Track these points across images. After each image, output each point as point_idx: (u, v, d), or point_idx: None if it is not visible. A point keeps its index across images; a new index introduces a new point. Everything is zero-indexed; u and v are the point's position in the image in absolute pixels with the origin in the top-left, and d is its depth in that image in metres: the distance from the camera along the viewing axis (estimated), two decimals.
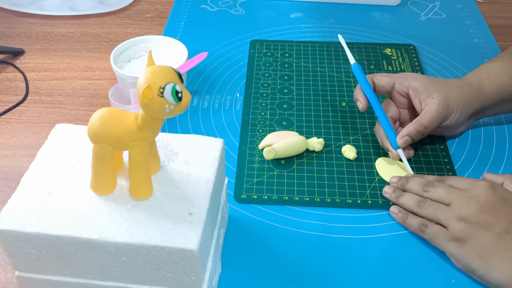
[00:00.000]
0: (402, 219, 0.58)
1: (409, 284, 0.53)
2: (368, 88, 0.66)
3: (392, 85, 0.66)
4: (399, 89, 0.65)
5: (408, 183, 0.60)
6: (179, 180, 0.47)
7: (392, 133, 0.63)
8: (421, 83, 0.64)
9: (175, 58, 0.77)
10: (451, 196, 0.55)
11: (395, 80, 0.66)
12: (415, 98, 0.64)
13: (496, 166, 0.66)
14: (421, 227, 0.56)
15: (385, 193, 0.61)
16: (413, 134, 0.62)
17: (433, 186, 0.57)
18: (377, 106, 0.65)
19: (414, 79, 0.65)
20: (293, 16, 0.96)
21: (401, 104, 0.67)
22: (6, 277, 0.54)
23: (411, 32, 0.91)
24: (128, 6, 0.99)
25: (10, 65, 0.84)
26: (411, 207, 0.58)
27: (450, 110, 0.63)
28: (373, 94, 0.65)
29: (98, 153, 0.43)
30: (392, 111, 0.66)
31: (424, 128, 0.62)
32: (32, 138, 0.71)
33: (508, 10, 0.99)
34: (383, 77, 0.67)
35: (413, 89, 0.64)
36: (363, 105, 0.65)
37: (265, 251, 0.56)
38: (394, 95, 0.67)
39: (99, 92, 0.78)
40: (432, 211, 0.55)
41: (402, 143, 0.62)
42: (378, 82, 0.67)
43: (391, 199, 0.61)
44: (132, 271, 0.44)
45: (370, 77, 0.67)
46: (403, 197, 0.59)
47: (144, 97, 0.38)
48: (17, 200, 0.45)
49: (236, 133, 0.70)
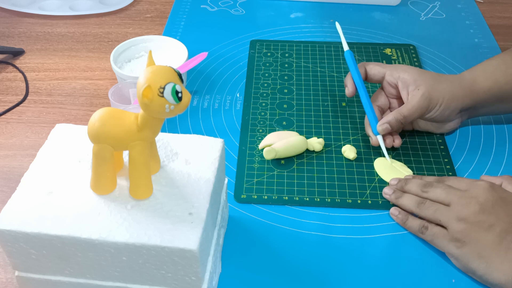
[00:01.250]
0: (402, 221, 0.58)
1: (409, 284, 0.53)
2: (357, 75, 0.68)
3: (383, 75, 0.68)
4: (389, 80, 0.67)
5: (407, 185, 0.60)
6: (179, 180, 0.47)
7: (374, 120, 0.65)
8: (410, 75, 0.65)
9: (175, 58, 0.77)
10: (450, 196, 0.55)
11: (386, 71, 0.67)
12: (403, 89, 0.65)
13: (496, 166, 0.66)
14: (421, 229, 0.56)
15: (384, 194, 0.61)
16: (393, 123, 0.64)
17: (432, 186, 0.57)
18: (364, 93, 0.67)
19: (405, 71, 0.66)
20: (293, 16, 0.96)
21: (390, 94, 0.68)
22: (6, 277, 0.54)
23: (411, 32, 0.91)
24: (128, 6, 0.99)
25: (10, 65, 0.84)
26: (410, 208, 0.58)
27: (433, 102, 0.63)
28: (361, 81, 0.68)
29: (98, 153, 0.43)
30: (381, 101, 0.69)
31: (403, 117, 0.63)
32: (32, 138, 0.71)
33: (508, 10, 0.99)
34: (375, 66, 0.68)
35: (402, 80, 0.65)
36: (350, 91, 0.68)
37: (265, 251, 0.56)
38: (385, 85, 0.68)
39: (99, 92, 0.78)
40: (432, 212, 0.55)
41: (381, 130, 0.64)
42: (370, 70, 0.69)
43: (390, 200, 0.61)
44: (132, 271, 0.44)
45: (363, 65, 0.69)
46: (402, 198, 0.59)
47: (144, 97, 0.38)
48: (17, 200, 0.45)
49: (236, 133, 0.70)
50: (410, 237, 0.58)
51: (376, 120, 0.65)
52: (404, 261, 0.55)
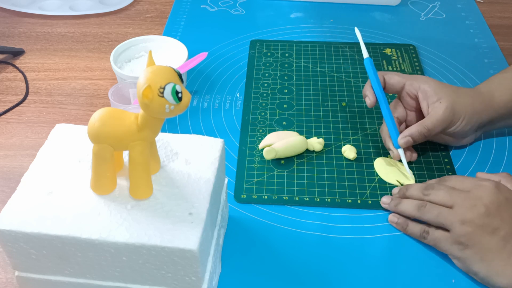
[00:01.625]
0: (402, 227, 0.57)
1: (409, 284, 0.53)
2: (378, 85, 0.65)
3: (402, 86, 0.65)
4: (408, 91, 0.65)
5: (408, 191, 0.58)
6: (179, 180, 0.47)
7: (395, 132, 0.63)
8: (431, 87, 0.63)
9: (175, 58, 0.77)
10: (454, 198, 0.53)
11: (406, 81, 0.65)
12: (424, 101, 0.63)
13: (496, 166, 0.66)
14: (423, 234, 0.55)
15: (383, 203, 0.60)
16: (416, 136, 0.61)
17: (434, 188, 0.56)
18: (384, 104, 0.64)
19: (425, 82, 0.64)
20: (293, 16, 0.96)
21: (409, 105, 0.66)
22: (6, 277, 0.54)
23: (411, 32, 0.91)
24: (128, 6, 0.99)
25: (10, 65, 0.84)
26: (410, 212, 0.56)
27: (457, 116, 0.62)
28: (381, 91, 0.65)
29: (98, 153, 0.43)
30: (399, 112, 0.66)
31: (427, 130, 0.61)
32: (32, 138, 0.71)
33: (508, 10, 0.99)
34: (394, 76, 0.66)
35: (422, 92, 0.63)
36: (371, 101, 0.65)
37: (265, 251, 0.56)
38: (403, 96, 0.66)
39: (99, 92, 0.78)
40: (434, 216, 0.54)
41: (403, 143, 0.62)
42: (388, 80, 0.66)
43: (390, 208, 0.59)
44: (132, 271, 0.44)
45: (381, 74, 0.66)
46: (402, 204, 0.58)
47: (144, 97, 0.38)
48: (17, 200, 0.45)
49: (236, 133, 0.70)
50: (410, 237, 0.58)
51: (397, 133, 0.63)
52: (404, 261, 0.55)
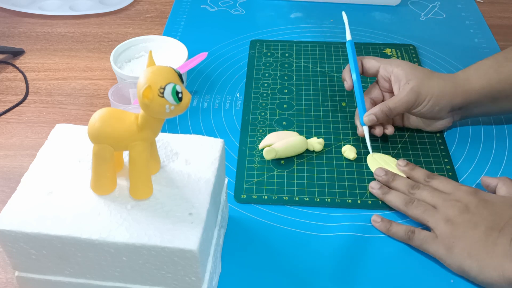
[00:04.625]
0: (385, 228, 0.58)
1: (408, 284, 0.53)
2: (354, 66, 0.70)
3: (377, 69, 0.69)
4: (383, 74, 0.68)
5: (394, 181, 0.61)
6: (179, 180, 0.47)
7: (362, 111, 0.67)
8: (403, 70, 0.66)
9: (175, 58, 0.77)
10: (435, 199, 0.56)
11: (381, 64, 0.69)
12: (395, 83, 0.67)
13: (496, 166, 0.66)
14: (408, 234, 0.55)
15: (371, 188, 0.62)
16: (378, 114, 0.65)
17: (419, 188, 0.58)
18: (357, 85, 0.68)
19: (398, 66, 0.67)
20: (293, 16, 0.96)
21: (384, 88, 0.70)
22: (6, 277, 0.54)
23: (411, 32, 0.91)
24: (128, 6, 0.99)
25: (10, 65, 0.84)
26: (398, 206, 0.58)
27: (421, 97, 0.64)
28: (357, 74, 0.69)
29: (98, 153, 0.43)
30: (375, 94, 0.70)
31: (388, 109, 0.64)
32: (32, 138, 0.71)
33: (508, 10, 0.99)
34: (371, 60, 0.70)
35: (395, 75, 0.66)
36: (349, 84, 0.70)
37: (265, 251, 0.56)
38: (379, 79, 0.70)
39: (99, 92, 0.78)
40: (420, 212, 0.56)
41: (367, 121, 0.65)
42: (365, 64, 0.71)
43: (377, 195, 0.61)
44: (132, 271, 0.44)
45: (359, 59, 0.71)
46: (390, 195, 0.60)
47: (145, 98, 0.38)
48: (17, 200, 0.45)
49: (236, 133, 0.70)
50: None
51: (365, 111, 0.67)
52: (403, 261, 0.55)
